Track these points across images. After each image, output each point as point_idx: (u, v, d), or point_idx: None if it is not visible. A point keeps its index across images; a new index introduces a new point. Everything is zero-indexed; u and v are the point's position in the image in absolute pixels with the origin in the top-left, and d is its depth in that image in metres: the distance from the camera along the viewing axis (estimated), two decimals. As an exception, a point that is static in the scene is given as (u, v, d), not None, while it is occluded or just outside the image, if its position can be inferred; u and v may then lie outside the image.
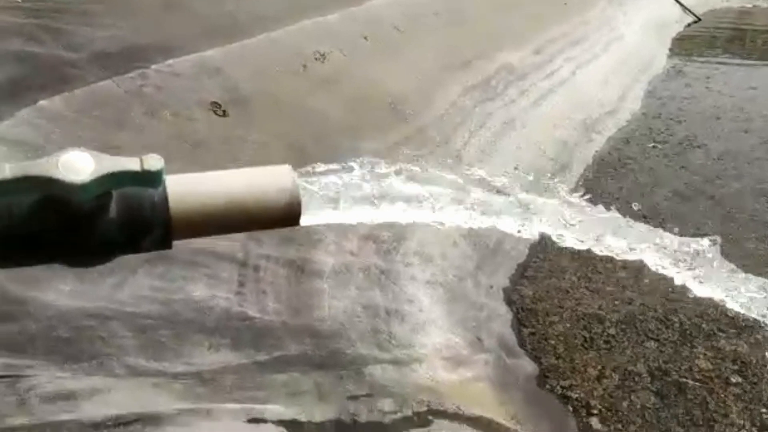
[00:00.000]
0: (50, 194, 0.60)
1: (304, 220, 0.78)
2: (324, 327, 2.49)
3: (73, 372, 1.69)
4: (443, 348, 2.95)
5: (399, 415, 2.23)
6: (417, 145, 3.70)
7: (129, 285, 2.10)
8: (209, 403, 1.78)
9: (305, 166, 0.79)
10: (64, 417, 1.57)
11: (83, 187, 0.58)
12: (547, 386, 2.94)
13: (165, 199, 0.64)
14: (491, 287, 3.56)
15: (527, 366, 3.07)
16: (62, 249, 0.63)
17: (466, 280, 3.53)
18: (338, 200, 0.83)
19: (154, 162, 0.63)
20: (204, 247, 2.38)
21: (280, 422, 1.93)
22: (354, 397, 2.23)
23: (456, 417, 2.48)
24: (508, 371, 3.03)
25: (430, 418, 2.37)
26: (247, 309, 2.35)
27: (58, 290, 1.96)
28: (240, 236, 2.66)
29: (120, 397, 1.69)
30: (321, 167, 0.80)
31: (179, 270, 2.27)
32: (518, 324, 3.39)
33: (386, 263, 3.13)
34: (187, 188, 0.69)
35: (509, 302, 3.51)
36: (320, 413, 2.03)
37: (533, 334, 3.27)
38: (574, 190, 1.17)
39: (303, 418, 1.97)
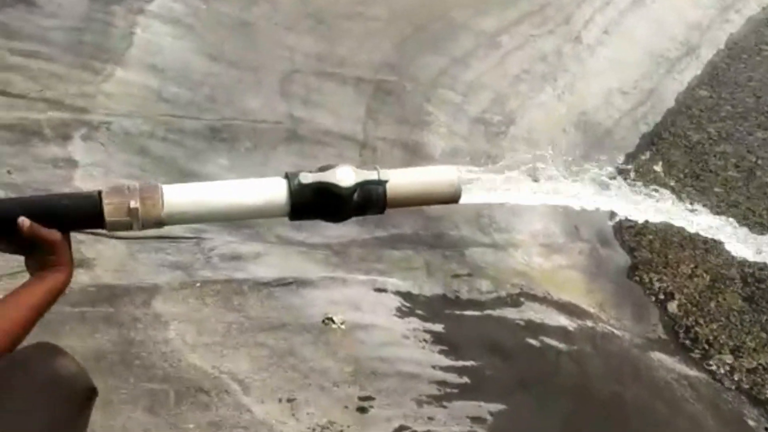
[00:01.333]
0: (328, 188, 1.33)
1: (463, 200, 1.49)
2: (432, 209, 3.19)
3: (239, 238, 2.47)
4: (540, 235, 3.63)
5: (494, 295, 2.97)
6: (537, 23, 4.14)
7: (271, 160, 2.84)
8: (343, 272, 2.55)
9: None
10: (239, 275, 2.38)
11: (347, 188, 1.32)
12: (636, 278, 3.62)
13: (384, 192, 1.37)
14: (592, 179, 4.14)
15: (620, 258, 3.74)
16: (328, 214, 1.38)
17: (571, 168, 4.11)
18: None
19: (381, 173, 1.36)
20: (331, 129, 3.07)
21: (398, 293, 2.71)
22: (456, 276, 2.97)
23: (545, 301, 3.22)
24: (601, 261, 3.71)
25: (522, 300, 3.11)
26: None
27: (217, 163, 2.72)
28: (361, 117, 3.33)
29: (276, 262, 2.48)
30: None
31: (310, 148, 2.99)
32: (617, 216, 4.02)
33: (493, 148, 3.75)
34: (399, 183, 1.41)
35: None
36: (429, 288, 2.79)
37: (631, 227, 3.90)
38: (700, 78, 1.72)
39: (415, 291, 2.74)
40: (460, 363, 2.55)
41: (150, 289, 2.23)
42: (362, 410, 2.13)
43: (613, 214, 3.83)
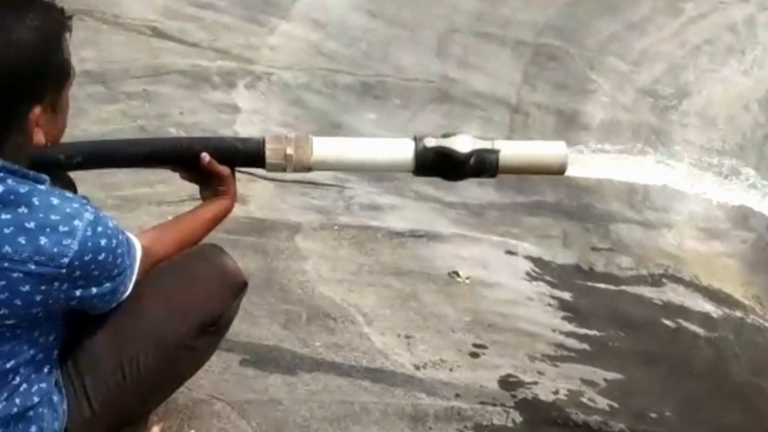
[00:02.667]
0: (447, 152, 1.93)
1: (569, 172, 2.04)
2: (581, 179, 3.68)
3: (378, 190, 3.12)
4: (700, 218, 4.03)
5: (634, 272, 3.43)
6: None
7: (419, 118, 3.48)
8: (476, 232, 3.14)
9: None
10: (375, 224, 3.03)
11: (464, 154, 1.91)
12: (809, 279, 3.93)
13: (497, 159, 1.92)
14: None
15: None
16: (446, 174, 1.96)
17: (748, 150, 4.42)
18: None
19: (495, 143, 1.94)
20: (483, 91, 3.65)
21: (529, 258, 3.25)
22: (596, 249, 3.46)
23: (691, 285, 3.63)
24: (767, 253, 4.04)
25: (665, 281, 3.55)
26: None
27: (366, 118, 3.39)
28: (517, 81, 3.87)
29: (411, 215, 3.11)
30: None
31: (460, 109, 3.59)
32: None
33: (660, 122, 4.17)
34: (515, 153, 1.97)
35: None
36: (563, 257, 3.30)
37: (815, 224, 4.19)
38: None
39: (547, 258, 3.27)
40: (583, 330, 3.06)
41: (293, 227, 2.98)
42: (474, 355, 2.71)
43: (797, 206, 4.14)
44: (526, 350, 2.83)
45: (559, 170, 2.11)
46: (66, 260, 1.46)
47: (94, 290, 1.55)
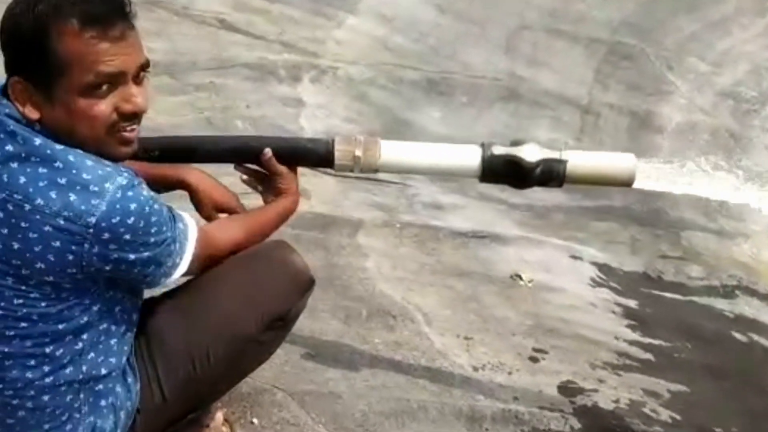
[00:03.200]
0: (515, 161, 2.11)
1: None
2: (652, 184, 3.82)
3: (442, 189, 3.31)
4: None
5: (704, 282, 3.57)
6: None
7: (485, 117, 3.66)
8: (540, 235, 3.31)
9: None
10: (437, 223, 3.22)
11: (531, 163, 2.09)
12: None
13: (564, 169, 2.10)
14: None
15: None
16: (513, 181, 2.15)
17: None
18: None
19: (563, 154, 2.11)
20: (553, 90, 3.82)
21: (594, 263, 3.41)
22: (665, 257, 3.61)
23: (766, 298, 3.75)
24: None
25: (737, 293, 3.68)
26: None
27: (430, 115, 3.59)
28: (588, 80, 4.03)
29: (474, 215, 3.29)
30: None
31: (527, 109, 3.76)
32: None
33: (740, 126, 4.28)
34: (582, 164, 2.15)
35: None
36: (630, 264, 3.46)
37: None
38: None
39: (614, 264, 3.42)
40: (648, 340, 3.21)
41: (355, 223, 3.19)
42: (534, 360, 2.88)
43: None
44: (587, 357, 2.99)
45: (628, 182, 2.27)
46: (93, 219, 1.59)
47: (131, 256, 1.65)
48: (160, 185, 2.00)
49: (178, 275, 1.80)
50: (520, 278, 3.18)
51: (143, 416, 1.88)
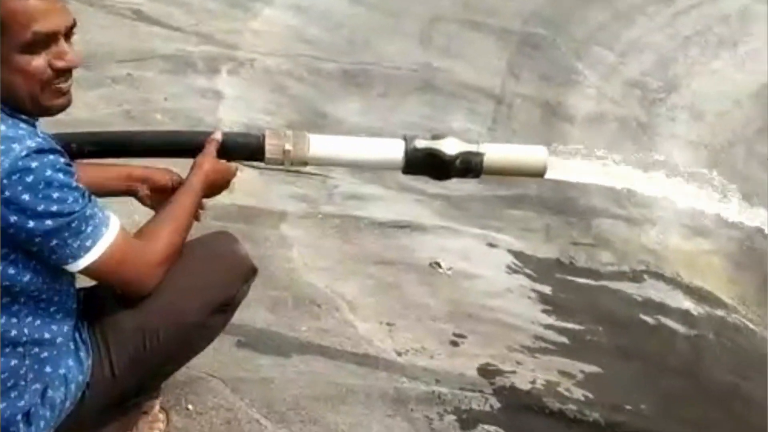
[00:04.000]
0: (436, 154, 2.40)
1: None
2: (564, 173, 4.17)
3: (362, 180, 3.59)
4: (686, 215, 4.54)
5: (614, 268, 3.92)
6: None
7: (401, 108, 3.95)
8: (458, 224, 3.61)
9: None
10: (358, 213, 3.49)
11: (451, 156, 2.39)
12: (803, 279, 4.44)
13: (482, 161, 2.40)
14: None
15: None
16: (433, 173, 2.44)
17: (738, 146, 4.94)
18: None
19: (481, 147, 2.41)
20: (467, 81, 4.12)
21: (510, 251, 3.73)
22: (577, 244, 3.95)
23: (672, 282, 4.13)
24: (756, 253, 4.55)
25: (645, 277, 4.05)
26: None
27: (348, 107, 3.85)
28: (501, 71, 4.36)
29: (394, 206, 3.58)
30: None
31: (443, 99, 4.06)
32: None
33: (648, 116, 4.67)
34: (498, 156, 2.45)
35: None
36: (544, 251, 3.79)
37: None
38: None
39: (529, 251, 3.75)
40: (562, 324, 3.55)
41: (279, 215, 3.46)
42: (454, 344, 3.18)
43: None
44: (504, 341, 3.30)
45: (540, 173, 2.59)
46: None
47: (30, 223, 1.80)
48: (109, 187, 2.25)
49: (88, 261, 1.93)
50: (440, 266, 3.49)
51: (92, 391, 2.10)
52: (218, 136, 2.32)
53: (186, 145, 2.37)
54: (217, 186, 2.33)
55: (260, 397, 2.66)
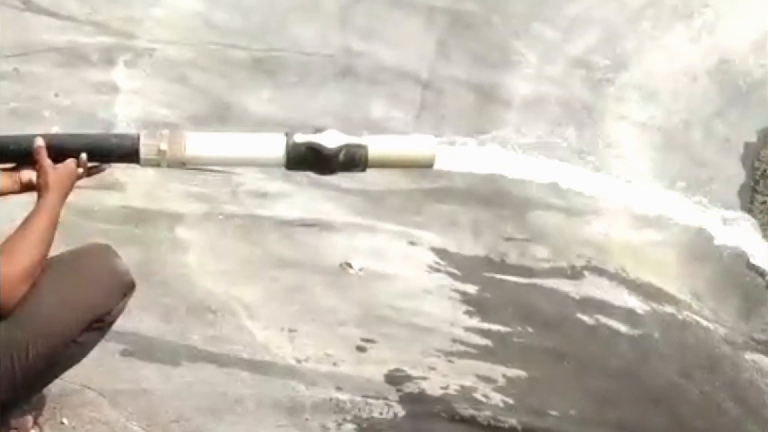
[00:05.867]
0: (316, 148, 2.67)
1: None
2: (498, 162, 4.42)
3: (268, 176, 3.84)
4: (636, 204, 4.78)
5: (549, 264, 4.18)
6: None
7: (318, 97, 4.21)
8: (373, 220, 3.87)
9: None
10: (263, 212, 3.75)
11: (332, 149, 2.66)
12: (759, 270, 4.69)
13: (366, 154, 2.67)
14: (728, 141, 5.18)
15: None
16: (315, 167, 2.71)
17: (694, 127, 5.18)
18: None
19: (364, 139, 2.69)
20: (391, 65, 4.38)
21: (432, 249, 3.99)
22: (510, 239, 4.21)
23: (615, 278, 4.38)
24: (712, 244, 4.79)
25: (585, 273, 4.30)
26: (423, 133, 4.31)
27: (258, 96, 4.11)
28: (429, 53, 4.60)
29: (302, 202, 3.83)
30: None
31: (364, 86, 4.31)
32: (751, 191, 5.06)
33: (593, 96, 4.91)
34: (383, 148, 2.72)
35: (746, 162, 5.15)
36: (471, 248, 4.04)
37: (764, 203, 4.96)
38: None
39: (453, 248, 4.01)
40: (485, 325, 3.80)
41: (175, 216, 3.72)
42: (360, 349, 3.44)
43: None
44: (418, 346, 3.56)
45: (428, 164, 2.86)
46: None
47: None
48: None
49: None
50: (350, 267, 3.76)
51: (-46, 407, 2.38)
52: (40, 142, 2.47)
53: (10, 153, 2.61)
54: (69, 187, 2.53)
55: (141, 410, 2.92)
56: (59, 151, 2.58)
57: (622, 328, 4.00)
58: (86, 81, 4.00)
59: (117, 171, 3.65)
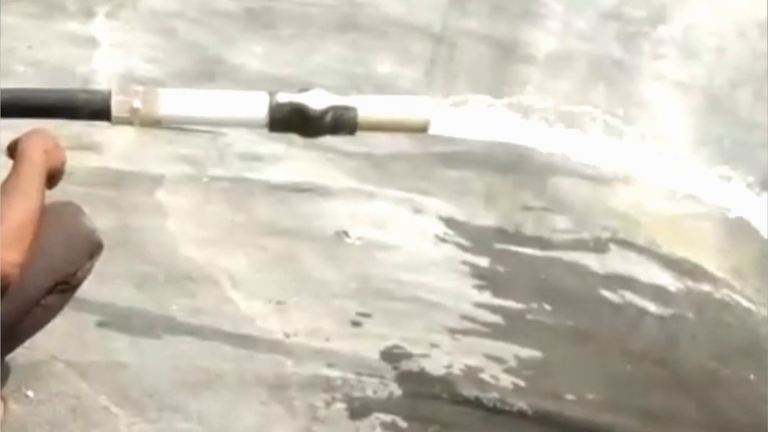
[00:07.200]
0: (301, 109, 2.79)
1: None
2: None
3: (261, 137, 3.95)
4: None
5: (571, 235, 4.27)
6: None
7: (316, 53, 4.31)
8: (374, 186, 3.97)
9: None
10: (252, 176, 3.86)
11: (318, 111, 2.76)
12: (806, 244, 4.74)
13: (355, 116, 2.77)
14: None
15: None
16: (300, 129, 2.82)
17: (742, 88, 5.23)
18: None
19: (350, 101, 2.79)
20: (399, 17, 4.47)
21: (440, 218, 4.09)
22: (527, 208, 4.30)
23: (645, 252, 4.46)
24: (752, 217, 4.85)
25: (611, 246, 4.38)
26: (433, 92, 4.42)
27: (250, 52, 4.22)
28: (442, 3, 4.69)
29: (297, 165, 3.94)
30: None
31: (368, 39, 4.41)
32: None
33: (627, 53, 4.98)
34: (374, 111, 2.82)
35: None
36: (483, 217, 4.14)
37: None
38: None
39: (463, 217, 4.10)
40: (497, 301, 3.90)
41: (155, 179, 3.84)
42: (356, 324, 3.54)
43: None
44: (421, 321, 3.65)
45: (422, 128, 2.95)
46: None
47: None
48: None
49: None
50: (347, 235, 3.87)
51: None
52: None
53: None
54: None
55: (113, 383, 3.02)
56: (23, 107, 2.70)
57: (651, 307, 4.08)
58: (62, 33, 4.12)
59: (94, 131, 3.77)
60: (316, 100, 2.79)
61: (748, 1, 5.20)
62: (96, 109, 2.76)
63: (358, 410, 3.18)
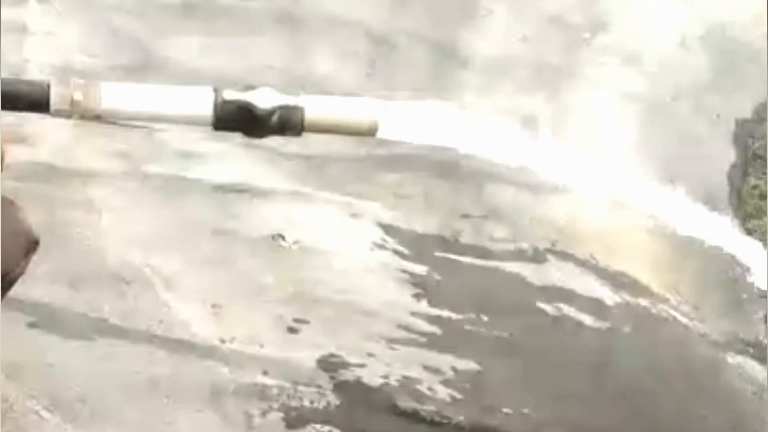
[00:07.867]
0: (247, 107, 2.83)
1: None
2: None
3: (200, 134, 3.99)
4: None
5: (510, 246, 4.36)
6: None
7: (252, 49, 4.36)
8: (312, 188, 4.03)
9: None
10: (189, 175, 3.91)
11: (265, 110, 2.79)
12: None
13: (302, 117, 2.82)
14: (718, 116, 5.37)
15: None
16: (246, 129, 2.87)
17: (683, 99, 5.37)
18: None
19: (297, 101, 2.85)
20: (338, 14, 4.53)
21: (378, 223, 4.16)
22: (466, 216, 4.38)
23: (584, 265, 4.57)
24: (692, 231, 4.99)
25: (549, 258, 4.48)
26: (372, 92, 4.48)
27: (185, 46, 4.25)
28: (384, 2, 4.77)
29: (235, 165, 3.99)
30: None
31: (307, 36, 4.47)
32: (742, 174, 5.25)
33: (567, 58, 5.09)
34: (322, 112, 2.88)
35: (739, 141, 5.34)
36: (422, 224, 4.21)
37: (755, 188, 5.15)
38: None
39: (402, 223, 4.18)
40: (435, 311, 3.97)
41: (88, 174, 3.87)
42: (292, 330, 3.61)
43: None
44: (358, 330, 3.71)
45: (370, 132, 3.02)
46: None
47: None
48: None
49: None
50: (283, 239, 3.92)
51: None
52: None
53: None
54: None
55: (43, 387, 3.06)
56: None
57: (588, 320, 4.15)
58: (-9, 19, 4.14)
59: (25, 122, 3.78)
60: (264, 99, 2.83)
61: (690, 13, 5.33)
62: (35, 100, 2.79)
63: (295, 420, 3.26)
